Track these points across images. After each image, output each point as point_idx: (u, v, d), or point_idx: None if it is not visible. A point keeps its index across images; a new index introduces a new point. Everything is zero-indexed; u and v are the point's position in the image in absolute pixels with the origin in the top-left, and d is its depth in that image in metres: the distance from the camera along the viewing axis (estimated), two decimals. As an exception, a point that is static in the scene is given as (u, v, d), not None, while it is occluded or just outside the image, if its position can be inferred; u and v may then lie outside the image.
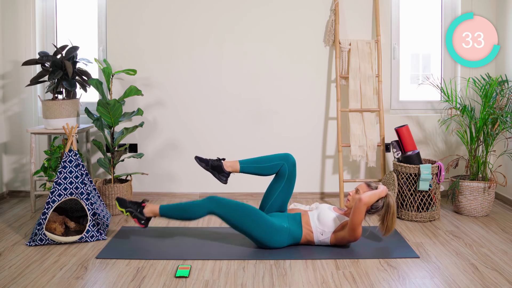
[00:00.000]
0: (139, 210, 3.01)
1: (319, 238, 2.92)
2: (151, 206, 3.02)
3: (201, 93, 4.06)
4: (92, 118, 3.66)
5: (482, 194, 3.57)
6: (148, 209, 3.01)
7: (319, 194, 4.14)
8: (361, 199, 2.77)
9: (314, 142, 4.11)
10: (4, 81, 4.06)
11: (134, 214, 3.01)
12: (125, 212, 3.01)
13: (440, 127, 4.08)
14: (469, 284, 2.46)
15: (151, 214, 3.01)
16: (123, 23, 4.01)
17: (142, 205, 3.02)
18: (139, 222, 3.00)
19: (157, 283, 2.47)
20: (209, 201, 2.88)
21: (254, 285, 2.46)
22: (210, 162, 3.12)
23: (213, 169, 3.12)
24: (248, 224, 2.84)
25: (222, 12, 4.00)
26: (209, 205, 2.87)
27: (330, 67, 4.06)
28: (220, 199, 2.88)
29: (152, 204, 3.04)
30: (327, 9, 4.01)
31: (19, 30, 4.01)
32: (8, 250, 2.91)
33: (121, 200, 3.04)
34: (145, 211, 3.01)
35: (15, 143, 4.11)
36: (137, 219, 3.00)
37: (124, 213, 3.01)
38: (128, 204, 3.03)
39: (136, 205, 3.03)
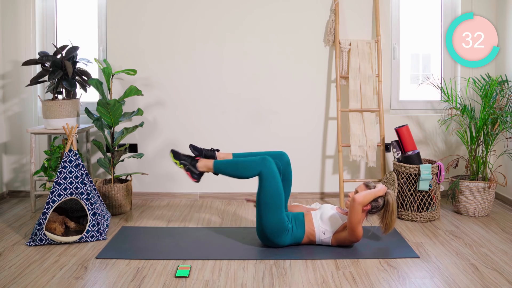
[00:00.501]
0: (192, 164, 2.97)
1: (320, 237, 2.92)
2: (205, 160, 2.99)
3: (201, 93, 4.06)
4: (92, 118, 3.66)
5: (482, 194, 3.57)
6: (202, 164, 2.97)
7: (319, 194, 4.14)
8: (354, 199, 2.77)
9: (314, 142, 4.11)
10: (4, 81, 4.06)
11: (187, 167, 2.97)
12: (179, 164, 2.97)
13: (440, 127, 4.08)
14: (469, 284, 2.46)
15: (205, 169, 2.98)
16: (123, 23, 4.01)
17: (196, 159, 2.98)
18: (192, 176, 2.97)
19: (157, 283, 2.47)
20: (262, 161, 2.84)
21: (254, 285, 2.46)
22: (203, 151, 3.11)
23: (206, 158, 3.10)
24: (272, 207, 2.82)
25: (222, 12, 4.01)
26: (262, 165, 2.84)
27: (330, 67, 4.06)
28: (272, 164, 2.85)
29: (206, 159, 3.00)
30: (327, 9, 4.01)
31: (19, 30, 4.01)
32: (8, 250, 2.91)
33: (175, 152, 3.00)
34: (198, 165, 2.97)
35: (15, 143, 4.11)
36: (190, 172, 2.96)
37: (178, 165, 2.98)
38: (182, 156, 2.99)
39: (190, 158, 2.99)
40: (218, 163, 2.96)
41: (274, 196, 2.83)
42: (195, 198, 4.12)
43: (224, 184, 4.08)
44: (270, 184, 2.83)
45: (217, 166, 2.96)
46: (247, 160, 2.91)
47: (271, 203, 2.83)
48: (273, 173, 2.84)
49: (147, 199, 4.10)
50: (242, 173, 2.91)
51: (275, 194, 2.83)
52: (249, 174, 2.88)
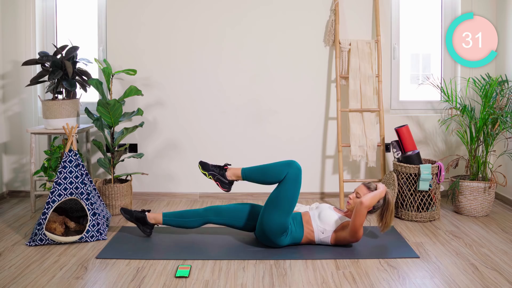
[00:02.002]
0: (221, 173, 2.96)
1: (320, 236, 2.93)
2: (234, 169, 2.96)
3: (201, 93, 4.06)
4: (92, 118, 3.66)
5: (482, 194, 3.57)
6: (231, 172, 2.96)
7: (319, 194, 4.14)
8: (362, 203, 2.77)
9: (314, 142, 4.11)
10: (4, 81, 4.06)
11: (216, 177, 2.95)
12: (208, 175, 2.96)
13: (440, 127, 4.08)
14: (469, 284, 2.46)
15: (234, 177, 2.96)
16: (123, 23, 4.01)
17: (224, 168, 2.97)
18: (222, 186, 2.95)
19: (157, 283, 2.47)
20: (288, 164, 2.83)
21: (254, 285, 2.46)
22: (134, 213, 3.13)
23: (137, 220, 3.12)
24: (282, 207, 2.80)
25: (222, 12, 4.00)
26: (288, 168, 2.82)
27: (330, 67, 4.06)
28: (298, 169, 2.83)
29: (234, 167, 2.98)
30: (327, 9, 4.01)
31: (19, 30, 4.01)
32: (8, 250, 2.91)
33: (204, 164, 2.99)
34: (227, 174, 2.95)
35: (15, 143, 4.11)
36: (220, 182, 2.95)
37: (207, 176, 2.96)
38: (211, 167, 2.98)
39: (218, 168, 2.98)
40: (246, 170, 2.95)
41: (289, 199, 2.82)
42: (195, 198, 4.12)
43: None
44: (290, 188, 2.82)
45: (245, 173, 2.95)
46: (274, 165, 2.89)
47: (283, 205, 2.82)
48: (297, 178, 2.83)
49: (147, 199, 4.10)
50: (271, 178, 2.88)
51: (290, 198, 2.82)
52: (277, 179, 2.86)
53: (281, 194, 2.83)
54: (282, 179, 2.84)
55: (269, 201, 2.87)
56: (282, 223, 2.83)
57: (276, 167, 2.87)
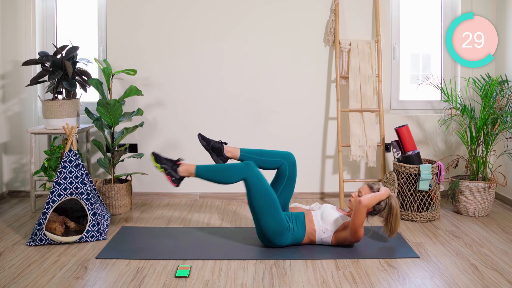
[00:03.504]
0: (174, 168, 2.95)
1: (321, 236, 2.92)
2: (187, 165, 2.95)
3: (201, 93, 4.06)
4: (92, 118, 3.66)
5: (482, 194, 3.57)
6: (183, 168, 2.95)
7: (319, 194, 4.14)
8: (360, 202, 2.77)
9: (314, 142, 4.11)
10: (4, 81, 4.06)
11: (168, 171, 2.95)
12: (160, 167, 2.95)
13: (440, 127, 4.08)
14: (469, 284, 2.46)
15: (186, 174, 2.95)
16: (123, 23, 4.01)
17: (177, 163, 2.97)
18: (172, 180, 2.95)
19: (157, 283, 2.47)
20: (246, 167, 2.85)
21: (254, 285, 2.46)
22: (211, 142, 3.10)
23: (213, 150, 3.08)
24: (265, 209, 2.82)
25: (222, 12, 4.01)
26: (245, 171, 2.84)
27: (330, 67, 4.06)
28: (256, 168, 2.86)
29: (188, 163, 2.97)
30: (327, 9, 4.01)
31: (19, 30, 4.01)
32: (8, 250, 2.91)
33: (156, 155, 2.98)
34: (180, 170, 2.95)
35: (15, 143, 4.11)
36: (170, 176, 2.94)
37: (159, 168, 2.95)
38: (163, 160, 2.97)
39: (171, 162, 2.97)
40: (200, 168, 2.93)
41: (265, 198, 2.83)
42: (195, 198, 4.12)
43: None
44: (258, 188, 2.83)
45: (199, 171, 2.93)
46: (230, 166, 2.90)
47: (265, 205, 2.83)
48: (258, 177, 2.84)
49: (147, 199, 4.10)
50: (225, 179, 2.90)
51: (266, 196, 2.83)
52: (232, 180, 2.88)
53: (254, 199, 2.84)
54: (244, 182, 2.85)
55: (252, 209, 2.88)
56: (277, 221, 2.84)
57: (232, 169, 2.88)
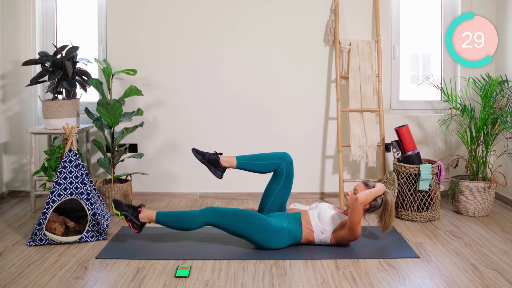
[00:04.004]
0: (134, 215, 2.96)
1: (319, 237, 2.92)
2: (148, 211, 2.97)
3: (201, 93, 4.06)
4: (92, 118, 3.66)
5: (482, 194, 3.57)
6: (144, 215, 2.96)
7: (319, 194, 4.14)
8: (357, 198, 2.78)
9: (314, 142, 4.11)
10: (4, 81, 4.06)
11: (129, 218, 2.96)
12: (120, 215, 2.95)
13: (440, 127, 4.08)
14: (469, 284, 2.46)
15: (147, 220, 2.96)
16: (123, 23, 4.01)
17: (138, 210, 2.98)
18: (133, 227, 2.96)
19: (157, 283, 2.47)
20: (205, 213, 2.87)
21: (254, 285, 2.46)
22: (207, 155, 3.09)
23: (209, 162, 3.08)
24: (248, 229, 2.83)
25: (222, 12, 4.00)
26: (206, 216, 2.86)
27: (330, 67, 4.06)
28: (216, 209, 2.87)
29: (149, 210, 2.99)
30: (327, 9, 4.01)
31: (19, 30, 4.01)
32: (8, 250, 2.91)
33: (117, 203, 2.98)
34: (140, 216, 2.96)
35: (15, 143, 4.11)
36: (131, 223, 2.96)
37: (119, 216, 2.96)
38: (124, 207, 2.98)
39: (132, 209, 2.98)
40: (160, 214, 2.94)
41: (242, 223, 2.83)
42: (195, 198, 4.12)
43: (224, 184, 4.08)
44: (229, 223, 2.84)
45: (159, 218, 2.94)
46: (191, 213, 2.91)
47: (245, 229, 2.84)
48: (220, 214, 2.85)
49: (147, 199, 4.10)
50: (184, 226, 2.92)
51: (241, 221, 2.83)
52: (194, 226, 2.90)
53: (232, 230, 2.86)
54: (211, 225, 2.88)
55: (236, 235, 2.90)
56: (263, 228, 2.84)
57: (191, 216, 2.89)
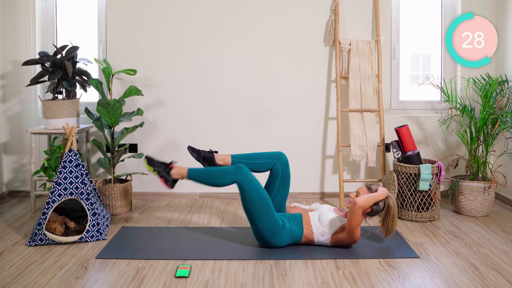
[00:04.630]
0: (166, 171, 3.01)
1: (319, 239, 2.92)
2: (179, 168, 3.02)
3: (202, 93, 4.06)
4: (92, 118, 3.66)
5: (482, 194, 3.57)
6: (176, 171, 3.01)
7: (319, 194, 4.14)
8: (355, 203, 2.77)
9: (314, 142, 4.11)
10: (4, 81, 4.06)
11: (161, 174, 3.01)
12: (153, 170, 3.02)
13: (440, 127, 4.08)
14: (469, 284, 2.46)
15: (179, 176, 3.01)
16: (123, 23, 4.01)
17: (170, 166, 3.03)
18: (166, 183, 3.01)
19: (157, 283, 2.47)
20: (237, 170, 2.87)
21: (254, 285, 2.46)
22: (202, 153, 3.14)
23: (204, 160, 3.14)
24: (260, 211, 2.83)
25: (223, 13, 4.00)
26: (236, 174, 2.86)
27: (330, 67, 4.06)
28: (247, 171, 2.87)
29: (181, 166, 3.03)
30: (327, 9, 4.01)
31: (19, 30, 4.01)
32: (8, 250, 2.91)
33: (150, 159, 3.04)
34: (172, 173, 3.01)
35: (15, 143, 4.11)
36: (164, 179, 3.01)
37: (152, 171, 3.02)
38: (157, 163, 3.03)
39: (164, 165, 3.03)
40: (192, 171, 2.99)
41: (259, 201, 2.83)
42: (195, 198, 4.12)
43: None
44: (250, 192, 2.84)
45: (190, 174, 2.99)
46: (221, 169, 2.94)
47: (259, 208, 2.83)
48: (250, 180, 2.85)
49: (147, 199, 4.10)
50: (215, 182, 2.94)
51: (259, 199, 2.83)
52: (223, 183, 2.91)
53: (248, 202, 2.85)
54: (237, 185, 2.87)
55: (247, 214, 2.89)
56: (273, 222, 2.84)
57: (223, 172, 2.91)
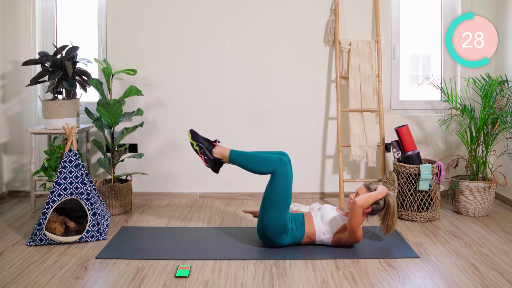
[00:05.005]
0: (209, 149, 2.94)
1: (321, 237, 2.92)
2: (222, 148, 2.94)
3: (202, 93, 4.06)
4: (92, 118, 3.66)
5: (482, 194, 3.57)
6: (218, 150, 2.93)
7: (319, 194, 4.14)
8: (355, 202, 2.77)
9: (314, 142, 4.11)
10: (4, 81, 4.06)
11: (202, 151, 2.93)
12: (195, 145, 2.94)
13: (440, 127, 4.08)
14: (469, 284, 2.46)
15: (220, 156, 2.93)
16: (123, 23, 4.01)
17: (213, 144, 2.96)
18: (205, 160, 2.93)
19: (157, 283, 2.47)
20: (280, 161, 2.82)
21: (254, 285, 2.46)
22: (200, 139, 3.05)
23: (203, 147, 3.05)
24: (277, 205, 2.81)
25: (223, 13, 4.00)
26: (278, 164, 2.82)
27: (330, 67, 4.06)
28: (288, 165, 2.84)
29: (224, 147, 2.95)
30: (327, 9, 4.01)
31: (19, 30, 4.01)
32: (8, 250, 2.91)
33: (193, 133, 2.97)
34: (214, 151, 2.93)
35: (15, 143, 4.11)
36: (204, 156, 2.93)
37: (194, 146, 2.94)
38: (200, 139, 2.95)
39: (207, 142, 2.96)
40: (234, 152, 2.91)
41: (282, 197, 2.82)
42: (195, 198, 4.12)
43: (224, 184, 4.08)
44: (281, 185, 2.82)
45: (232, 156, 2.91)
46: (265, 156, 2.88)
47: (278, 203, 2.82)
48: (287, 174, 2.83)
49: (147, 199, 4.10)
50: (256, 168, 2.86)
51: (284, 195, 2.83)
52: (263, 170, 2.85)
53: (274, 191, 2.83)
54: (272, 174, 2.84)
55: (264, 201, 2.88)
56: (281, 221, 2.84)
57: (266, 159, 2.86)
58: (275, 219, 2.83)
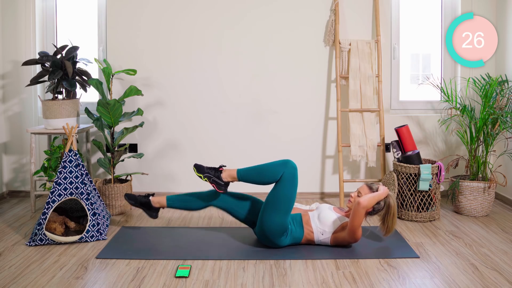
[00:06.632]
0: (216, 175, 2.97)
1: (319, 238, 2.93)
2: (229, 170, 2.98)
3: (201, 93, 4.06)
4: (92, 118, 3.66)
5: (482, 194, 3.57)
6: (226, 174, 2.97)
7: (319, 194, 4.14)
8: (359, 203, 2.77)
9: (314, 142, 4.11)
10: (4, 81, 4.06)
11: (212, 179, 2.97)
12: (203, 178, 2.97)
13: (440, 127, 4.08)
14: (469, 284, 2.46)
15: (230, 179, 2.98)
16: (123, 23, 4.01)
17: (219, 170, 2.99)
18: (218, 187, 2.96)
19: (157, 283, 2.47)
20: (285, 164, 2.84)
21: (254, 285, 2.46)
22: (138, 199, 3.17)
23: (141, 205, 3.18)
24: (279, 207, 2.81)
25: (221, 12, 4.00)
26: (284, 168, 2.83)
27: (330, 67, 4.06)
28: (295, 169, 2.85)
29: (230, 169, 3.00)
30: (327, 9, 4.01)
31: (19, 30, 4.01)
32: (8, 250, 2.91)
33: (198, 166, 3.01)
34: (223, 176, 2.97)
35: (15, 143, 4.11)
36: (216, 184, 2.96)
37: (202, 178, 2.98)
38: (206, 169, 3.00)
39: (213, 170, 3.00)
40: (241, 171, 2.97)
41: (286, 199, 2.83)
42: (195, 198, 4.12)
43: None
44: (286, 187, 2.83)
45: (240, 174, 2.96)
46: (271, 164, 2.90)
47: (281, 205, 2.82)
48: (293, 177, 2.84)
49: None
50: (267, 178, 2.89)
51: (288, 198, 2.83)
52: (273, 179, 2.87)
53: (278, 194, 2.83)
54: (279, 179, 2.84)
55: (267, 201, 2.87)
56: (282, 223, 2.83)
57: (272, 167, 2.88)
58: (277, 221, 2.83)
